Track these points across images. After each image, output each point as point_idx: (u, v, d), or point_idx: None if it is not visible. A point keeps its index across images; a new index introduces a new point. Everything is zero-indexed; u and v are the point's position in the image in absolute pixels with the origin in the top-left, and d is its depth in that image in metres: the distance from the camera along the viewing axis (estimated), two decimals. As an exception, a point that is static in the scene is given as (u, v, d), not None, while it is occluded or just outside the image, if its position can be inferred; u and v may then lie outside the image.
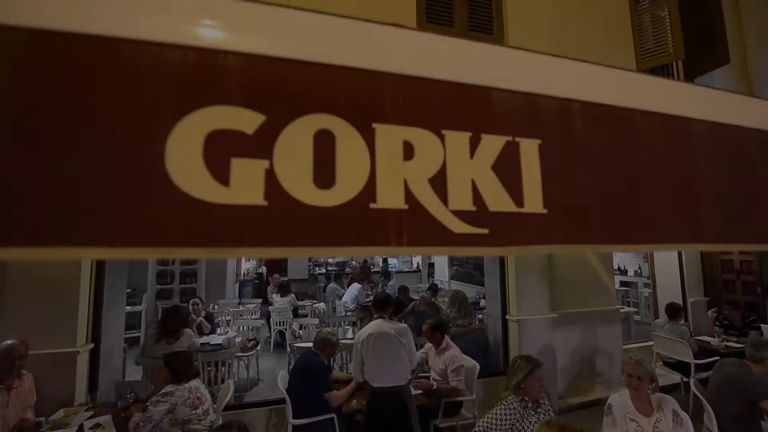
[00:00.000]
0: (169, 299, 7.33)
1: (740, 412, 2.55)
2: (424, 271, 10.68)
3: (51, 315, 2.81)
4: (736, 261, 6.31)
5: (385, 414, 2.52)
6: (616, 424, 2.31)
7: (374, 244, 0.48)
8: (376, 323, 2.66)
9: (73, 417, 2.52)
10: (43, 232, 0.40)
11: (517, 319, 4.00)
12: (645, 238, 0.67)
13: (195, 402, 2.46)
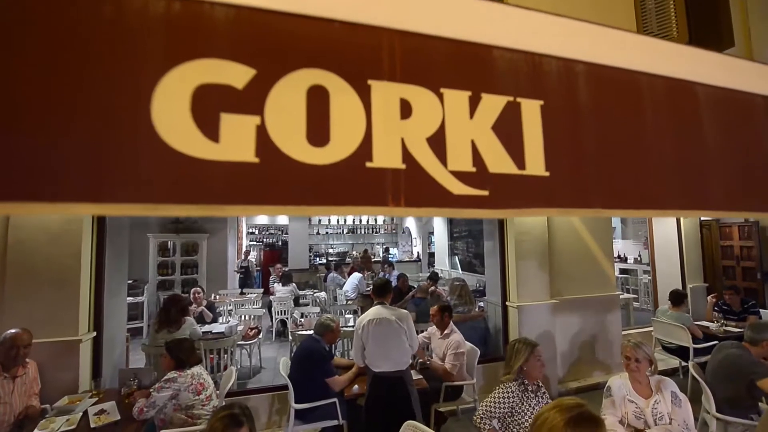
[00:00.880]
0: (171, 290, 7.36)
1: (738, 393, 2.57)
2: (424, 261, 10.71)
3: (53, 304, 2.82)
4: (736, 247, 6.33)
5: (386, 398, 2.54)
6: (615, 406, 2.33)
7: (370, 203, 0.46)
8: (377, 309, 2.67)
9: (78, 403, 2.55)
10: (29, 188, 0.39)
11: (517, 306, 4.01)
12: (648, 204, 0.65)
13: (198, 388, 2.48)
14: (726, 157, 0.69)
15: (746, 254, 6.17)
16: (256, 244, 11.80)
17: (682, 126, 0.67)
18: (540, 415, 1.40)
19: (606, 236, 4.63)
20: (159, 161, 0.42)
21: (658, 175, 0.65)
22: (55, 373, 2.77)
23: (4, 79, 0.39)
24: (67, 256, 2.88)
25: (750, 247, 6.11)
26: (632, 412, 2.28)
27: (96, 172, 0.41)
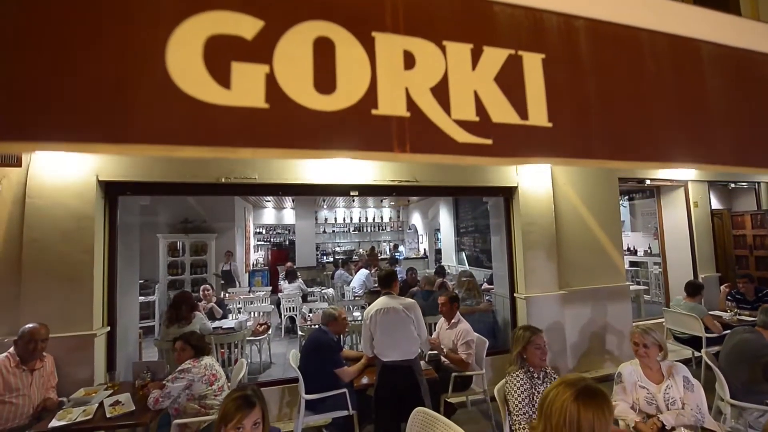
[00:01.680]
0: (181, 289, 7.46)
1: (753, 378, 2.54)
2: (431, 257, 10.70)
3: (67, 300, 2.88)
4: (749, 236, 6.21)
5: (396, 387, 2.56)
6: (626, 392, 2.31)
7: (376, 149, 0.47)
8: (384, 299, 2.68)
9: (94, 395, 2.61)
10: (60, 129, 0.41)
11: (525, 297, 4.00)
12: (650, 155, 0.65)
13: (210, 378, 2.52)
14: (732, 113, 0.69)
15: (759, 243, 6.06)
16: (263, 244, 11.90)
17: (686, 81, 0.67)
18: (547, 394, 1.39)
19: (614, 226, 4.59)
20: (174, 106, 0.44)
21: (662, 128, 0.65)
22: (71, 367, 2.84)
23: (36, 30, 0.41)
24: (80, 253, 2.94)
25: (763, 236, 6.00)
26: (644, 397, 2.26)
27: (118, 115, 0.43)
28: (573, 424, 1.24)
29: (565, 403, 1.28)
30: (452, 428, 1.83)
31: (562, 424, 1.25)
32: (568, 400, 1.29)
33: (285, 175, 3.38)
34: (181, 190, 3.34)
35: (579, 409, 1.25)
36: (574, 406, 1.26)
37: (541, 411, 1.35)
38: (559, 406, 1.29)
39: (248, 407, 1.36)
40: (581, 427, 1.23)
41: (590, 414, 1.24)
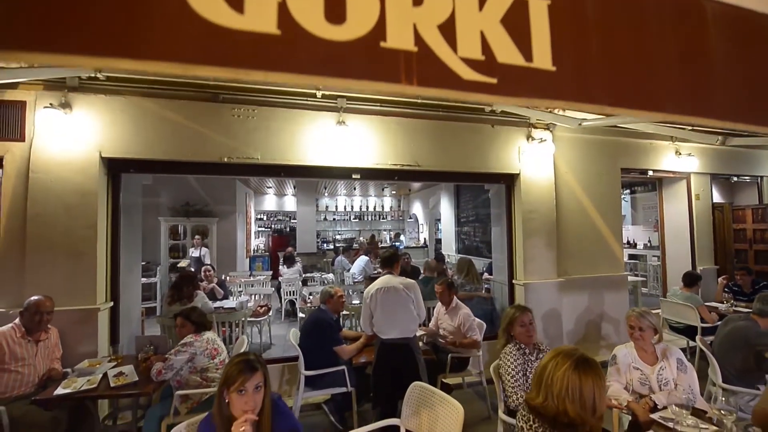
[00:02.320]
0: (183, 270, 7.52)
1: (745, 364, 2.58)
2: (431, 247, 10.74)
3: (71, 274, 2.92)
4: (749, 230, 6.23)
5: (394, 365, 2.60)
6: (620, 374, 2.35)
7: (384, 80, 0.48)
8: (385, 278, 2.71)
9: (98, 366, 2.66)
10: (79, 43, 0.42)
11: (524, 283, 4.03)
12: (648, 105, 0.66)
13: (212, 352, 2.57)
14: (733, 69, 0.70)
15: (760, 237, 6.07)
16: (264, 230, 11.95)
17: (689, 38, 0.67)
18: (544, 365, 1.42)
19: (615, 215, 4.60)
20: (187, 26, 0.45)
21: (661, 80, 0.66)
22: (75, 340, 2.89)
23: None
24: (83, 228, 2.97)
25: (764, 230, 6.01)
26: (637, 378, 2.30)
27: (136, 32, 0.44)
28: (575, 392, 1.27)
29: (566, 373, 1.31)
30: (448, 401, 1.88)
31: (565, 393, 1.28)
32: (568, 370, 1.32)
33: (287, 156, 3.38)
34: (183, 168, 3.34)
35: (580, 377, 1.28)
36: (575, 375, 1.29)
37: (540, 382, 1.37)
38: (560, 375, 1.31)
39: (250, 371, 1.40)
40: (583, 394, 1.26)
41: (590, 381, 1.27)
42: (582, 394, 1.25)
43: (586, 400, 1.24)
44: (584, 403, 1.24)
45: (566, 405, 1.25)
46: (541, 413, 1.31)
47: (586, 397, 1.25)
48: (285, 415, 1.53)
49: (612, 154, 4.59)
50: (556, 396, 1.29)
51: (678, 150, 4.94)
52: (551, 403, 1.29)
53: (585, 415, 1.23)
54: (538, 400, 1.34)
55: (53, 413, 2.41)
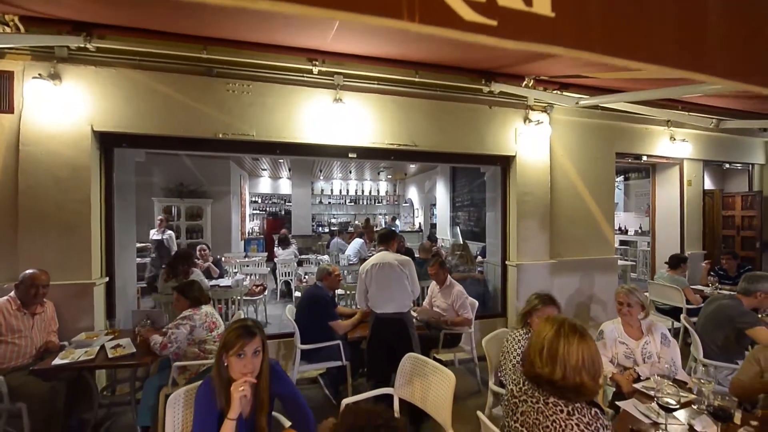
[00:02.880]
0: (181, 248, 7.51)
1: (727, 341, 2.67)
2: (425, 231, 10.80)
3: (65, 249, 2.91)
4: (737, 217, 6.35)
5: (388, 339, 2.66)
6: (606, 348, 2.43)
7: (386, 14, 0.48)
8: (381, 254, 2.75)
9: (95, 339, 2.69)
10: None
11: (517, 264, 4.10)
12: (644, 55, 0.67)
13: (211, 326, 2.60)
14: (731, 26, 0.71)
15: (747, 224, 6.19)
16: (259, 213, 11.91)
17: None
18: (541, 335, 1.46)
19: (608, 199, 4.65)
20: None
21: (660, 30, 0.67)
22: (71, 314, 2.91)
23: None
24: (76, 203, 2.94)
25: (752, 216, 6.12)
26: (623, 352, 2.39)
27: None
28: (562, 357, 1.29)
29: (547, 338, 1.35)
30: (440, 370, 1.94)
31: (554, 357, 1.30)
32: (549, 335, 1.35)
33: (283, 134, 3.35)
34: (177, 144, 3.29)
35: (569, 341, 1.31)
36: (564, 340, 1.32)
37: (535, 347, 1.39)
38: (542, 340, 1.36)
39: (249, 336, 1.43)
40: (567, 358, 1.28)
41: (586, 345, 1.30)
42: (565, 355, 1.28)
43: (568, 360, 1.27)
44: (565, 364, 1.27)
45: (557, 367, 1.28)
46: (533, 374, 1.35)
47: (570, 358, 1.28)
48: (283, 379, 1.57)
49: (608, 138, 4.61)
50: (544, 360, 1.32)
51: (672, 135, 4.97)
52: (540, 366, 1.33)
53: (572, 375, 1.26)
54: (530, 360, 1.38)
55: (51, 384, 2.44)
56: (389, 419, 0.91)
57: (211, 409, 1.38)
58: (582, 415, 1.24)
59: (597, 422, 1.24)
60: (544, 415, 1.29)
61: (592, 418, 1.24)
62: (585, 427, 1.22)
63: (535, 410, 1.33)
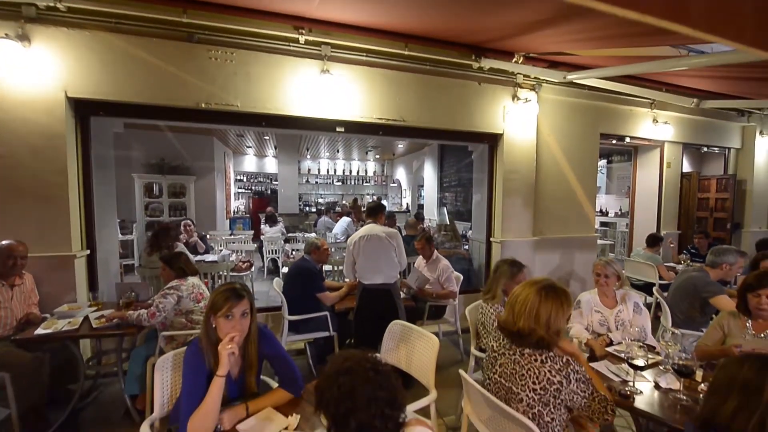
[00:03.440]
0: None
1: (692, 310, 2.84)
2: (413, 212, 10.86)
3: (43, 220, 2.83)
4: (712, 199, 6.60)
5: (375, 309, 2.72)
6: (583, 316, 2.56)
7: None
8: (369, 227, 2.77)
9: (78, 310, 2.66)
10: None
11: (501, 241, 4.20)
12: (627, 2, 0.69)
13: (198, 297, 2.60)
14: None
15: (720, 206, 6.46)
16: (244, 192, 11.72)
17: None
18: (514, 294, 1.55)
19: (590, 179, 4.76)
20: None
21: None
22: (52, 287, 2.85)
23: None
24: (53, 173, 2.84)
25: (725, 199, 6.38)
26: (597, 320, 2.51)
27: None
28: (532, 312, 1.41)
29: (529, 295, 1.45)
30: (425, 335, 2.01)
31: (521, 311, 1.43)
32: (530, 296, 1.45)
33: (268, 105, 3.27)
34: (156, 114, 3.17)
35: (541, 299, 1.41)
36: (537, 297, 1.43)
37: (510, 305, 1.51)
38: (523, 297, 1.45)
39: (237, 298, 1.44)
40: (539, 314, 1.39)
41: (550, 304, 1.40)
42: (538, 314, 1.40)
43: (540, 317, 1.39)
44: (538, 319, 1.39)
45: (522, 320, 1.41)
46: (505, 328, 1.48)
47: (542, 317, 1.39)
48: (272, 341, 1.60)
49: (593, 118, 4.67)
50: (516, 314, 1.45)
51: (655, 118, 5.08)
52: (511, 319, 1.46)
53: (538, 328, 1.39)
54: (502, 318, 1.52)
55: (35, 354, 2.41)
56: (377, 363, 0.96)
57: (200, 368, 1.40)
58: (554, 362, 1.36)
59: (567, 368, 1.35)
60: (520, 365, 1.40)
61: (563, 365, 1.36)
62: (557, 373, 1.34)
63: (512, 361, 1.44)
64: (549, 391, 1.33)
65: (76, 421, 2.56)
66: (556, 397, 1.33)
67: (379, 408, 0.87)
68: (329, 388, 0.90)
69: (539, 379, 1.35)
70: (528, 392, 1.36)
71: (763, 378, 0.98)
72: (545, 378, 1.34)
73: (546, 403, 1.34)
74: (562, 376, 1.33)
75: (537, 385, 1.35)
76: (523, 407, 1.37)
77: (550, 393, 1.33)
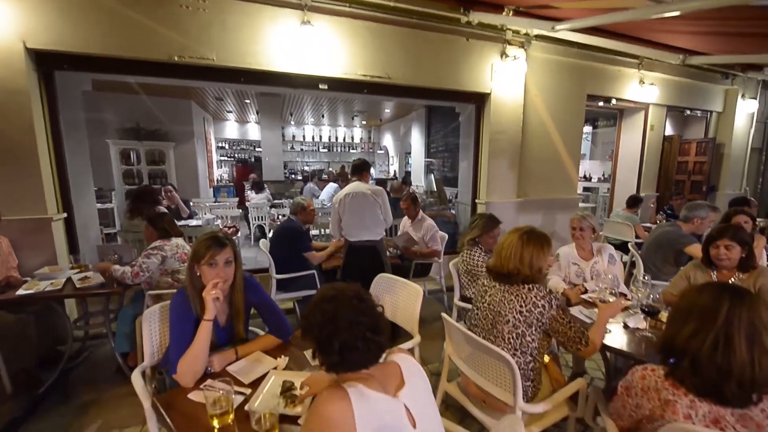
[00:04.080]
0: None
1: (665, 262, 3.00)
2: (400, 179, 10.84)
3: (13, 182, 2.71)
4: (690, 163, 6.77)
5: (362, 266, 2.77)
6: (561, 269, 2.68)
7: None
8: (354, 184, 2.76)
9: (60, 272, 2.62)
10: None
11: (486, 202, 4.26)
12: None
13: (183, 257, 2.59)
14: None
15: (698, 169, 6.64)
16: (227, 160, 11.41)
17: None
18: (501, 242, 1.65)
19: (575, 141, 4.80)
20: None
21: None
22: (30, 250, 2.79)
23: None
24: (18, 131, 2.69)
25: (703, 162, 6.55)
26: (574, 272, 2.63)
27: None
28: (517, 255, 1.55)
29: (513, 241, 1.57)
30: (409, 285, 2.07)
31: (508, 255, 1.54)
32: (513, 242, 1.55)
33: (247, 60, 3.10)
34: (127, 68, 2.97)
35: (523, 243, 1.51)
36: (519, 242, 1.56)
37: (498, 250, 1.65)
38: (508, 243, 1.55)
39: (219, 246, 1.44)
40: (522, 256, 1.50)
41: (531, 247, 1.50)
42: (521, 257, 1.55)
43: (524, 258, 1.55)
44: (522, 261, 1.55)
45: (510, 263, 1.56)
46: (493, 271, 1.64)
47: (525, 259, 1.55)
48: (258, 289, 1.62)
49: (580, 78, 4.62)
50: (502, 258, 1.59)
51: (642, 79, 5.06)
52: (499, 263, 1.60)
53: (522, 268, 1.55)
54: (490, 263, 1.67)
55: (18, 316, 2.40)
56: (361, 292, 0.99)
57: (187, 315, 1.42)
58: (539, 290, 1.55)
59: (550, 295, 1.54)
60: (509, 292, 1.57)
61: (547, 293, 1.55)
62: (541, 298, 1.53)
63: (501, 291, 1.60)
64: (533, 314, 1.51)
65: (67, 380, 2.60)
66: (539, 320, 1.51)
67: (361, 331, 0.90)
68: (314, 314, 0.93)
69: (525, 303, 1.52)
70: (515, 314, 1.53)
71: (719, 302, 1.05)
72: (531, 302, 1.52)
73: (530, 324, 1.52)
74: (546, 302, 1.51)
75: (523, 307, 1.52)
76: (509, 328, 1.54)
77: (534, 315, 1.51)
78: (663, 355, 1.15)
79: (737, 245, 1.97)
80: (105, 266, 2.48)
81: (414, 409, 0.91)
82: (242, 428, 1.12)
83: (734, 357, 1.00)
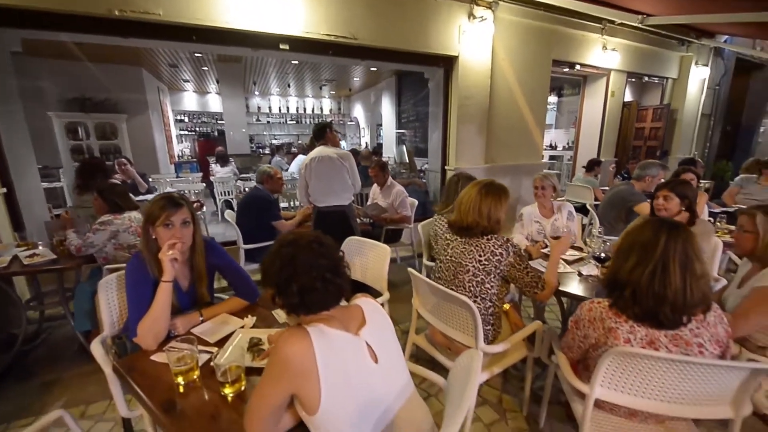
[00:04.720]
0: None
1: (618, 219, 3.18)
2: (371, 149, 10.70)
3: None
4: (647, 129, 7.12)
5: (331, 232, 2.73)
6: (524, 227, 2.79)
7: None
8: (319, 149, 2.69)
9: (4, 249, 2.43)
10: None
11: (455, 169, 4.30)
12: None
13: (137, 230, 2.45)
14: None
15: (654, 135, 7.00)
16: (188, 134, 10.77)
17: None
18: (460, 196, 1.67)
19: (540, 106, 4.89)
20: None
21: None
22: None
23: None
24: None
25: (658, 128, 6.90)
26: (536, 229, 2.76)
27: None
28: (475, 208, 1.59)
29: (472, 195, 1.58)
30: (377, 245, 2.09)
31: (467, 209, 1.55)
32: (472, 194, 1.58)
33: (198, 15, 2.86)
34: (60, 23, 2.66)
35: (481, 197, 1.55)
36: (478, 196, 1.57)
37: (456, 205, 1.69)
38: (467, 197, 1.58)
39: (174, 206, 1.37)
40: (481, 209, 1.54)
41: (489, 200, 1.55)
42: (480, 209, 1.60)
43: (482, 211, 1.60)
44: (481, 213, 1.60)
45: (469, 217, 1.62)
46: (455, 225, 1.69)
47: (483, 211, 1.60)
48: (219, 251, 1.58)
49: (546, 42, 4.65)
50: (462, 212, 1.65)
51: (605, 45, 5.16)
52: (459, 217, 1.66)
53: (481, 220, 1.61)
54: (451, 217, 1.70)
55: (-40, 298, 2.23)
56: (321, 237, 0.99)
57: (145, 279, 1.36)
58: (497, 240, 1.61)
59: (507, 243, 1.60)
60: (469, 244, 1.63)
61: (504, 242, 1.60)
62: (499, 246, 1.59)
63: (462, 243, 1.66)
64: (492, 262, 1.58)
65: (26, 361, 2.48)
66: (497, 267, 1.59)
67: (320, 273, 0.91)
68: (272, 260, 0.92)
69: (484, 252, 1.59)
70: (474, 263, 1.60)
71: (658, 236, 1.13)
72: (489, 251, 1.58)
73: (488, 272, 1.59)
74: (503, 249, 1.58)
75: (482, 256, 1.59)
76: (469, 276, 1.61)
77: (493, 263, 1.58)
78: (608, 289, 1.24)
79: (675, 197, 2.12)
80: (68, 219, 2.33)
81: (376, 346, 0.94)
82: (208, 384, 1.12)
83: (669, 284, 1.09)
